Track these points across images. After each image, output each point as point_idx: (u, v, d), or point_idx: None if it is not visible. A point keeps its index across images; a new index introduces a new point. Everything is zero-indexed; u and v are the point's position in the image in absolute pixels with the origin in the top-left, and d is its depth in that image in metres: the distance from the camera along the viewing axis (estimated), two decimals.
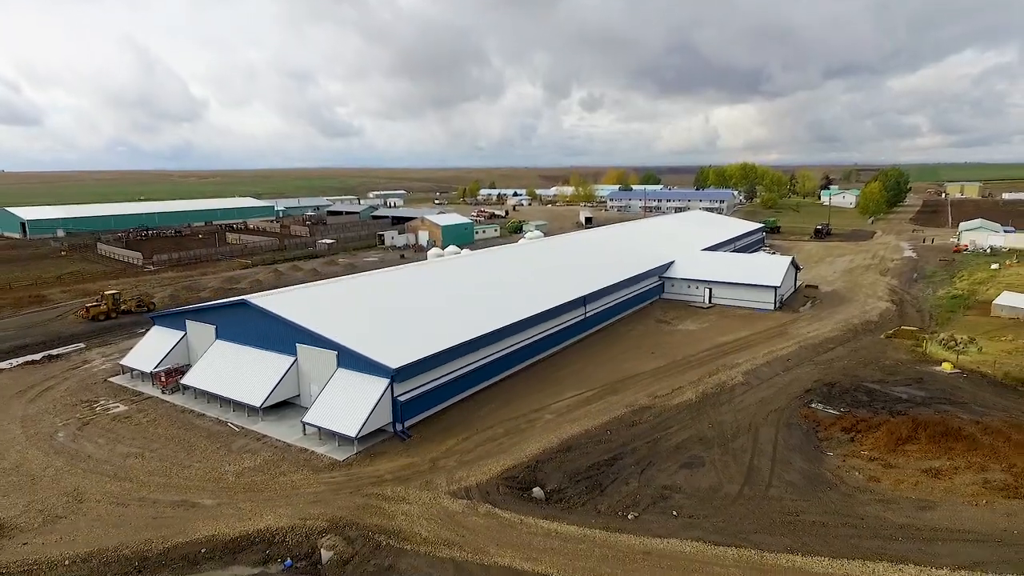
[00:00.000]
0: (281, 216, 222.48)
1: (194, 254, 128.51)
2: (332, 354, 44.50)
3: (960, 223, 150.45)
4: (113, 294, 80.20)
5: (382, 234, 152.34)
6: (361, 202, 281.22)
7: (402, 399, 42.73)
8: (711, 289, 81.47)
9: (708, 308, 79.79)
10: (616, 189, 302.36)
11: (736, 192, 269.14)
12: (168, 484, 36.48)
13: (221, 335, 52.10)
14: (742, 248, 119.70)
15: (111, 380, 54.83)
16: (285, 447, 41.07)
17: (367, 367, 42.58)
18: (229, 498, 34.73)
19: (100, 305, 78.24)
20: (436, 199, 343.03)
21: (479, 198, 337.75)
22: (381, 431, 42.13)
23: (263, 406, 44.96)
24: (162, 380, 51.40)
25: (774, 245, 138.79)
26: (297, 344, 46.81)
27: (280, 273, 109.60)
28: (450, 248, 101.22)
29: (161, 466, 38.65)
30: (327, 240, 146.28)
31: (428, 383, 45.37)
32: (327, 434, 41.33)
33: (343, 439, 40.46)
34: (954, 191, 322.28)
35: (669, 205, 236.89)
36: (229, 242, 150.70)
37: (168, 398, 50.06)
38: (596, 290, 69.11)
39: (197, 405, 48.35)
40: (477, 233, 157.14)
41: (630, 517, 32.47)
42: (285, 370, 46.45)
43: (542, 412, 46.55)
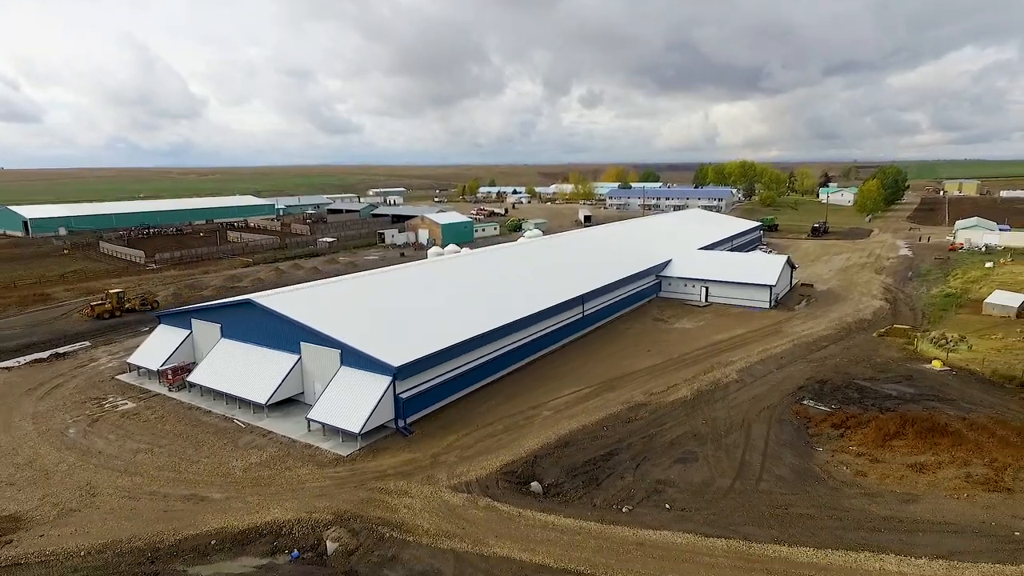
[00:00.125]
0: (282, 214, 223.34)
1: (196, 252, 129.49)
2: (336, 352, 45.62)
3: (956, 221, 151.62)
4: (117, 292, 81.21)
5: (382, 232, 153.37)
6: (361, 200, 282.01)
7: (404, 396, 43.86)
8: (707, 288, 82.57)
9: (704, 307, 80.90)
10: (615, 187, 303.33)
11: (735, 190, 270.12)
12: (177, 479, 37.65)
13: (226, 334, 53.22)
14: (739, 246, 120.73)
15: (118, 378, 55.90)
16: (290, 443, 42.22)
17: (370, 365, 43.70)
18: (237, 492, 35.89)
19: (105, 303, 79.29)
20: (436, 197, 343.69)
21: (479, 196, 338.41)
22: (384, 427, 43.27)
23: (268, 403, 46.10)
24: (169, 378, 52.50)
25: (772, 243, 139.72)
26: (301, 343, 47.92)
27: (281, 272, 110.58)
28: (450, 247, 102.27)
29: (170, 461, 39.82)
30: (328, 238, 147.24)
31: (429, 380, 46.51)
32: (331, 430, 42.47)
33: (347, 435, 41.61)
34: (952, 189, 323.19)
35: (668, 203, 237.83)
36: (230, 240, 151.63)
37: (175, 395, 51.16)
38: (594, 289, 70.21)
39: (203, 402, 49.49)
40: (477, 231, 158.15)
41: (624, 510, 33.62)
42: (289, 368, 47.60)
43: (540, 409, 47.70)
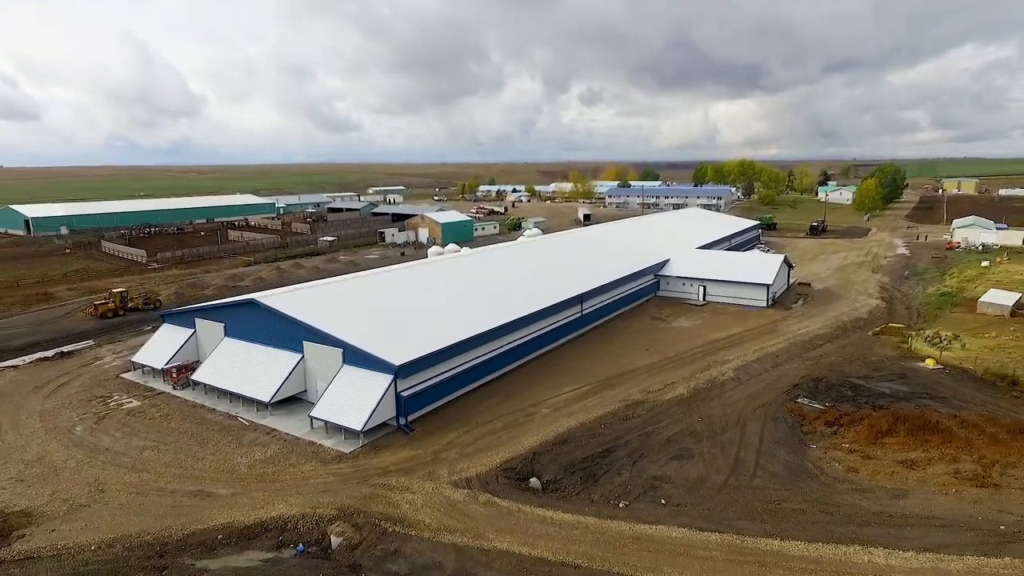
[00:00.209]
0: (282, 213, 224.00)
1: (197, 252, 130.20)
2: (338, 351, 46.40)
3: (954, 220, 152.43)
4: (121, 292, 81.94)
5: (382, 231, 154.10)
6: (361, 199, 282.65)
7: (405, 394, 44.65)
8: (705, 287, 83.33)
9: (702, 306, 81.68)
10: (615, 186, 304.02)
11: (734, 189, 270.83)
12: (184, 475, 38.46)
13: (230, 333, 53.99)
14: (738, 245, 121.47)
15: (123, 376, 56.68)
16: (294, 440, 43.03)
17: (372, 364, 44.49)
18: (243, 488, 36.69)
19: (108, 303, 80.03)
20: (435, 195, 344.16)
21: (478, 194, 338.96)
22: (385, 425, 44.06)
23: (272, 401, 46.89)
24: (173, 376, 53.26)
25: (770, 242, 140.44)
26: (304, 342, 48.70)
27: (283, 271, 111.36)
28: (450, 246, 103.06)
29: (176, 458, 40.62)
30: (328, 237, 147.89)
31: (430, 379, 47.31)
32: (334, 428, 43.27)
33: (349, 432, 42.40)
34: (951, 187, 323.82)
35: (667, 202, 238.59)
36: (231, 239, 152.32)
37: (179, 394, 51.94)
38: (592, 288, 70.97)
39: (208, 400, 50.25)
40: (476, 230, 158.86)
41: (621, 505, 34.44)
42: (292, 367, 48.38)
43: (539, 406, 48.50)
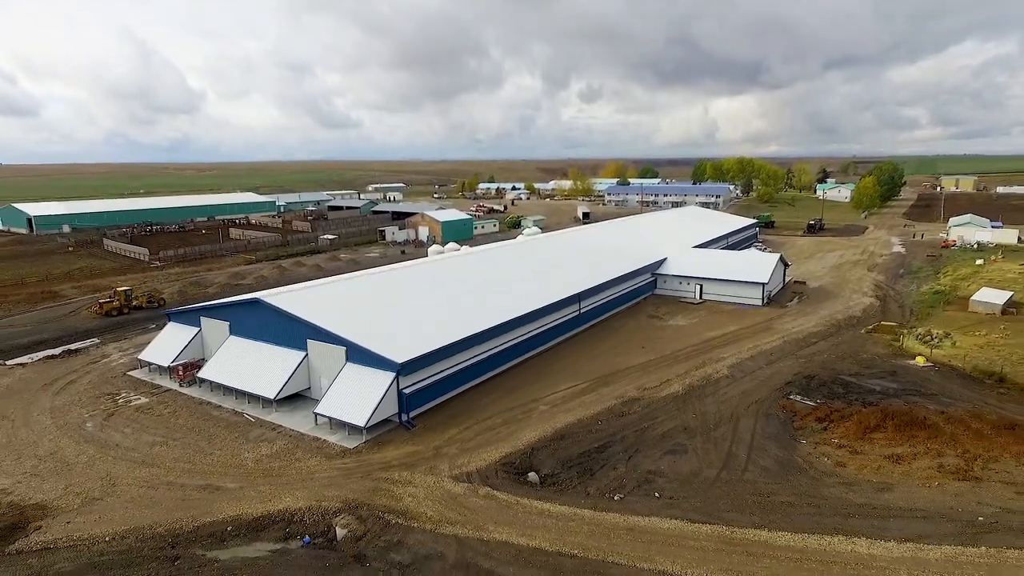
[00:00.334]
0: (282, 211, 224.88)
1: (199, 250, 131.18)
2: (341, 350, 47.56)
3: (950, 218, 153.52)
4: (125, 290, 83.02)
5: (383, 230, 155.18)
6: (361, 196, 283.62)
7: (407, 391, 45.85)
8: (702, 285, 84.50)
9: (699, 304, 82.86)
10: (614, 183, 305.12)
11: (732, 186, 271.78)
12: (192, 470, 39.65)
13: (234, 331, 55.11)
14: (735, 244, 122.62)
15: (130, 374, 57.83)
16: (299, 436, 44.21)
17: (374, 362, 45.67)
18: (250, 482, 37.89)
19: (113, 301, 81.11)
20: (435, 193, 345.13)
21: (478, 192, 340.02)
22: (388, 421, 45.26)
23: (277, 398, 48.06)
24: (179, 374, 54.42)
25: (767, 240, 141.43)
26: (308, 340, 49.84)
27: (284, 269, 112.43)
28: (450, 245, 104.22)
29: (185, 453, 41.82)
30: (329, 236, 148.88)
31: (432, 376, 48.49)
32: (338, 424, 44.46)
33: (352, 428, 43.60)
34: (949, 185, 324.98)
35: (666, 200, 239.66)
36: (232, 238, 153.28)
37: (185, 391, 53.09)
38: (590, 287, 72.12)
39: (214, 397, 51.41)
40: (476, 228, 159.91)
41: (616, 498, 35.66)
42: (296, 364, 49.53)
43: (538, 403, 49.70)
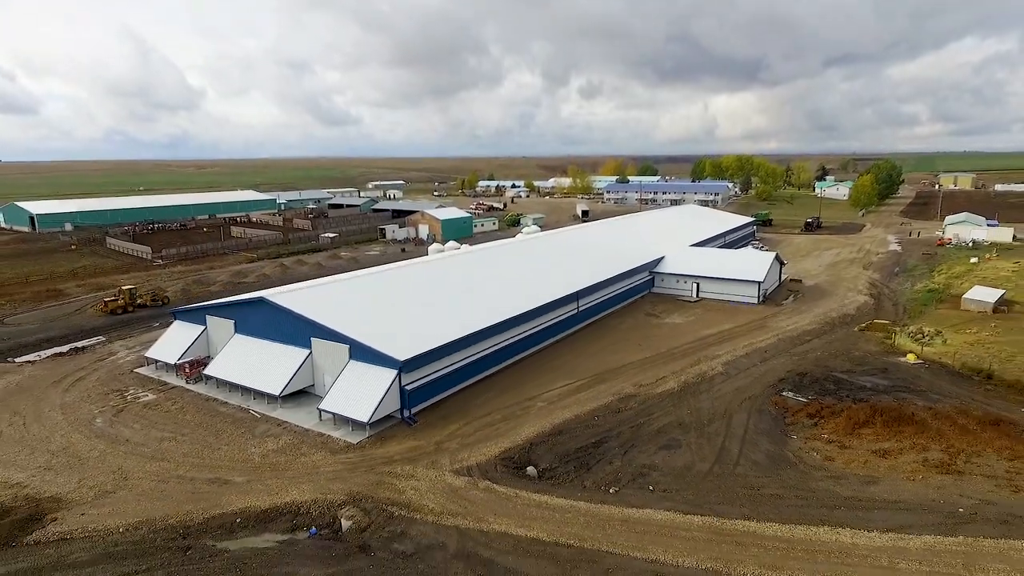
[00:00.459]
0: (283, 209, 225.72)
1: (201, 248, 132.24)
2: (344, 347, 48.75)
3: (946, 216, 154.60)
4: (130, 289, 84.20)
5: (383, 228, 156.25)
6: (361, 194, 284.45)
7: (409, 388, 47.07)
8: (698, 284, 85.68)
9: (695, 302, 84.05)
10: (613, 181, 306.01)
11: (731, 184, 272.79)
12: (201, 464, 40.87)
13: (240, 329, 56.30)
14: (733, 242, 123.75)
15: (137, 371, 59.03)
16: (304, 432, 45.43)
17: (377, 359, 46.87)
18: (257, 476, 39.11)
19: (118, 299, 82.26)
20: (435, 191, 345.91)
21: (478, 190, 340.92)
22: (390, 417, 46.51)
23: (282, 395, 49.26)
24: (186, 371, 55.63)
25: (765, 238, 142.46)
26: (312, 338, 51.02)
27: (286, 267, 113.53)
28: (450, 243, 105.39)
29: (193, 448, 43.04)
30: (329, 234, 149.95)
31: (432, 373, 49.71)
32: (341, 420, 45.66)
33: (356, 424, 44.82)
34: (947, 183, 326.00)
35: (665, 198, 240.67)
36: (234, 236, 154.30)
37: (192, 388, 54.27)
38: (589, 286, 73.30)
39: (220, 394, 52.60)
40: (476, 227, 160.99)
41: (612, 491, 36.89)
42: (301, 362, 50.72)
43: (536, 400, 50.92)
